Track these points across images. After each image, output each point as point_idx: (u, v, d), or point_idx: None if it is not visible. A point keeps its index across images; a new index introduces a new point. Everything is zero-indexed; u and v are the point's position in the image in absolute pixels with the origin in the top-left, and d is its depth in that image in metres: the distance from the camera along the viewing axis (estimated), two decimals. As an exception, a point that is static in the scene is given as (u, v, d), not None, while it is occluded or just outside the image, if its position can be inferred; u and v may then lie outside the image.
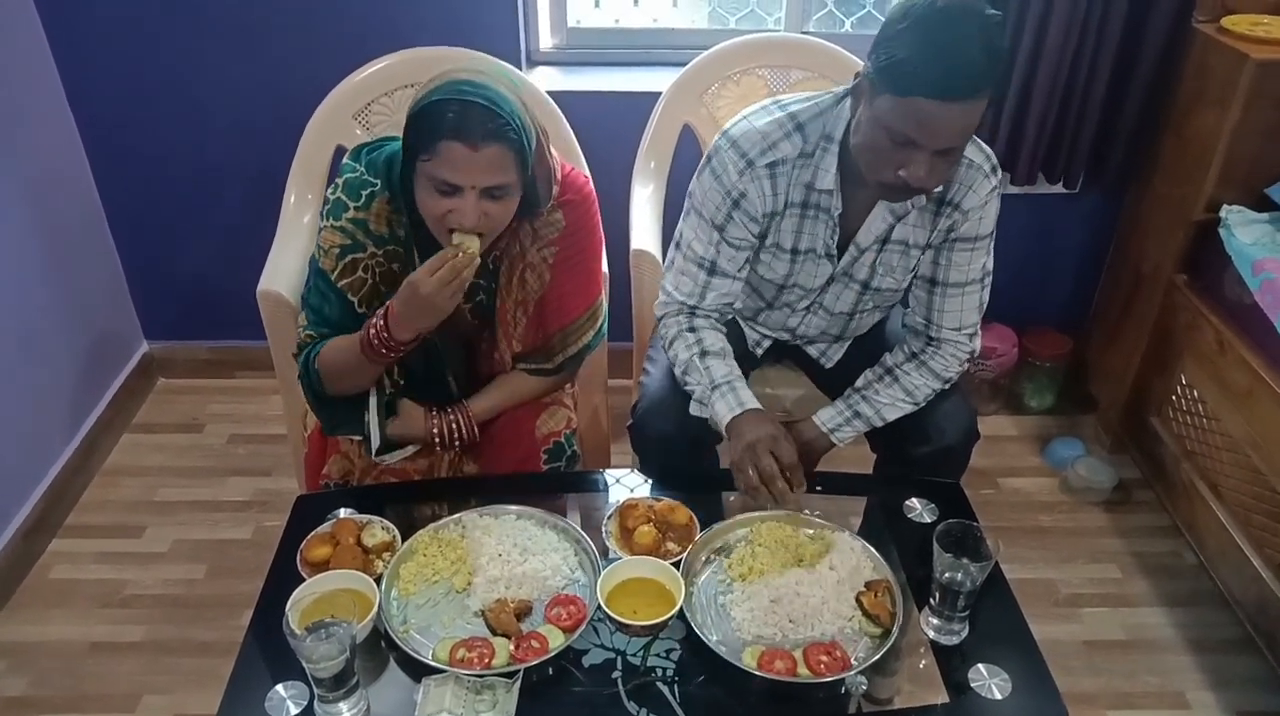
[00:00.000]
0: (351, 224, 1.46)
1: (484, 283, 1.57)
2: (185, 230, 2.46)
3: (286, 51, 2.20)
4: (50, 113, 2.24)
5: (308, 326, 1.51)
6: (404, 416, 1.57)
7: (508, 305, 1.57)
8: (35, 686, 1.83)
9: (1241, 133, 1.98)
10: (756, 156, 1.45)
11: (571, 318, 1.60)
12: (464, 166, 1.32)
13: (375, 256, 1.48)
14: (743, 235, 1.51)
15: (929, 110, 1.23)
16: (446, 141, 1.31)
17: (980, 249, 1.52)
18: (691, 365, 1.53)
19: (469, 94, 1.31)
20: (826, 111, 1.45)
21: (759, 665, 1.20)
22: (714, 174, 1.48)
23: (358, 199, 1.46)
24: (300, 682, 1.17)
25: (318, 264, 1.49)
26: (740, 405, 1.48)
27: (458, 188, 1.34)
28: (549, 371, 1.63)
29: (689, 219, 1.54)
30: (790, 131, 1.45)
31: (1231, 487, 1.98)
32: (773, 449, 1.40)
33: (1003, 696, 1.20)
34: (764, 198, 1.48)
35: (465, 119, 1.30)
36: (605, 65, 2.38)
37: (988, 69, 1.23)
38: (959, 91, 1.22)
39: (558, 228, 1.53)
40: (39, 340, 2.21)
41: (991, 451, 2.45)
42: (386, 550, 1.36)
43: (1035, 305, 2.62)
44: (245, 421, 2.53)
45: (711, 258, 1.52)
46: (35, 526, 2.11)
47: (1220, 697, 1.87)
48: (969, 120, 1.27)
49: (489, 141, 1.31)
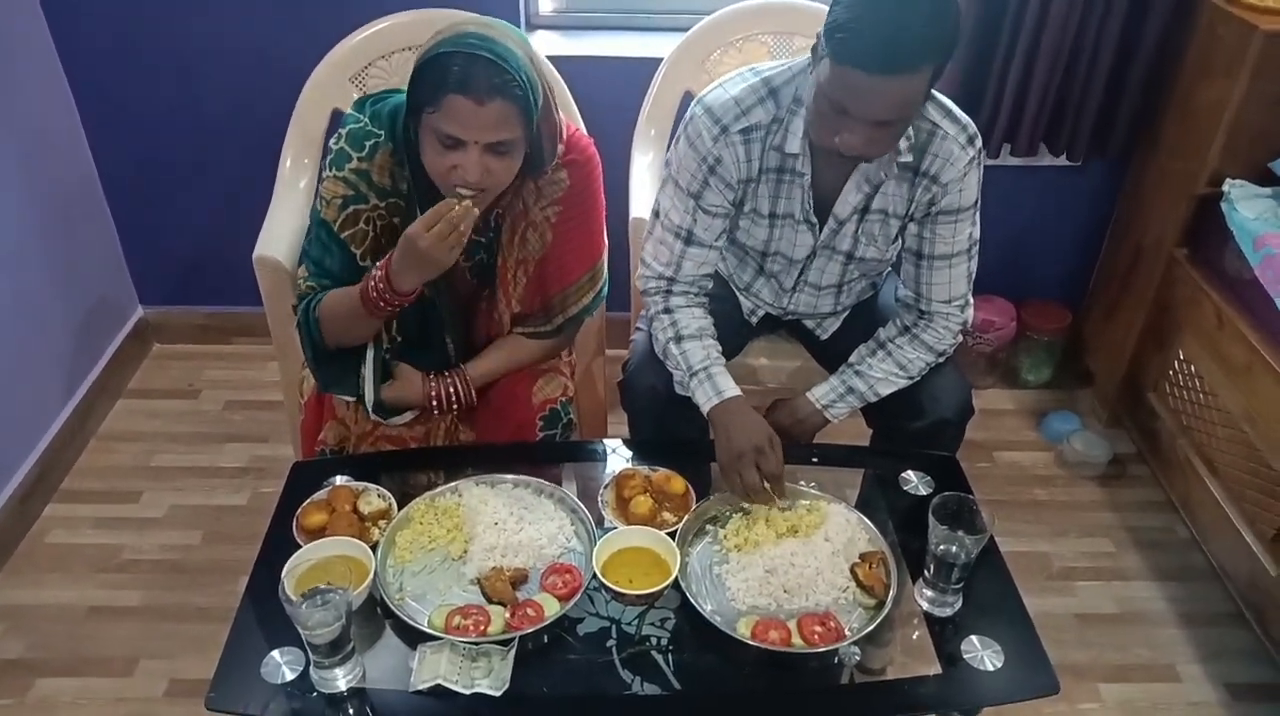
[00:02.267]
0: (354, 175, 1.44)
1: (484, 241, 1.56)
2: (180, 195, 2.44)
3: (283, 14, 2.16)
4: (44, 77, 2.21)
5: (308, 278, 1.49)
6: (402, 380, 1.57)
7: (508, 264, 1.56)
8: (33, 649, 1.84)
9: (1247, 105, 1.96)
10: (730, 122, 1.44)
11: (572, 279, 1.60)
12: (468, 121, 1.30)
13: (378, 208, 1.47)
14: (719, 202, 1.50)
15: (860, 82, 1.20)
16: (451, 95, 1.29)
17: (964, 220, 1.50)
18: (668, 351, 1.53)
19: (476, 47, 1.30)
20: (799, 74, 1.43)
21: (753, 635, 1.21)
22: (689, 141, 1.47)
23: (361, 149, 1.44)
24: (296, 648, 1.17)
25: (319, 215, 1.47)
26: (718, 394, 1.47)
27: (461, 142, 1.32)
28: (547, 333, 1.62)
29: (665, 188, 1.53)
30: (764, 97, 1.44)
31: (1226, 463, 1.99)
32: (758, 462, 1.39)
33: (995, 667, 1.21)
34: (738, 163, 1.47)
35: (471, 73, 1.28)
36: (606, 29, 2.34)
37: (932, 41, 1.19)
38: (894, 65, 1.19)
39: (561, 187, 1.52)
40: (33, 305, 2.19)
41: (987, 424, 2.46)
42: (382, 517, 1.36)
43: (1034, 278, 2.61)
44: (241, 387, 2.52)
45: (688, 226, 1.52)
46: (31, 491, 2.11)
47: (1210, 670, 1.89)
48: (907, 94, 1.23)
49: (494, 97, 1.30)
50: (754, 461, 1.39)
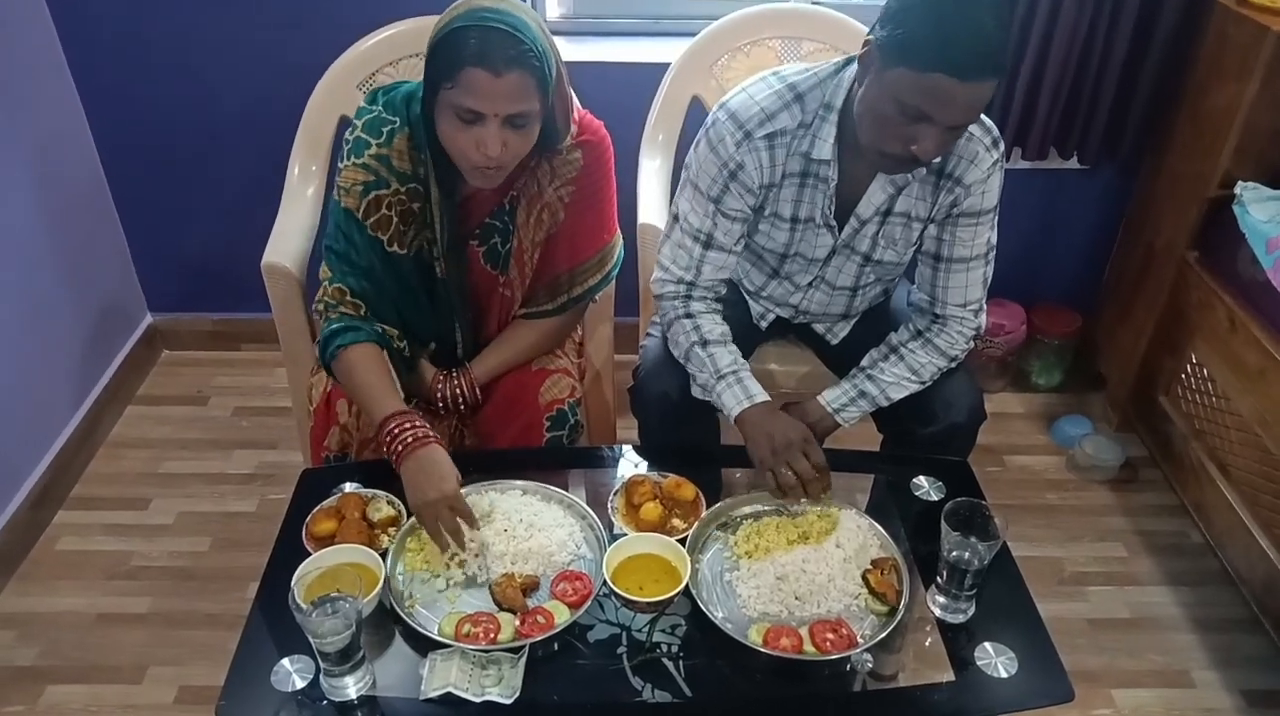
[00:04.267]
0: (374, 160, 1.45)
1: (499, 224, 1.56)
2: (189, 202, 2.45)
3: (290, 21, 2.17)
4: (53, 86, 2.22)
5: (334, 278, 1.49)
6: (414, 373, 1.58)
7: (524, 246, 1.56)
8: (44, 656, 1.85)
9: (1259, 107, 1.95)
10: (754, 128, 1.44)
11: (581, 258, 1.60)
12: (487, 93, 1.30)
13: (398, 193, 1.47)
14: (739, 207, 1.50)
15: (948, 88, 1.22)
16: (469, 68, 1.29)
17: (984, 224, 1.50)
18: (693, 353, 1.52)
19: (491, 20, 1.30)
20: (826, 80, 1.43)
21: (765, 642, 1.20)
22: (710, 145, 1.47)
23: (379, 136, 1.45)
24: (306, 656, 1.17)
25: (340, 205, 1.47)
26: (749, 398, 1.47)
27: (480, 115, 1.32)
28: (550, 312, 1.62)
29: (685, 191, 1.53)
30: (789, 102, 1.44)
31: (1240, 467, 1.97)
32: (805, 451, 1.39)
33: (1008, 674, 1.20)
34: (761, 169, 1.46)
35: (487, 45, 1.29)
36: (613, 35, 2.35)
37: (1002, 49, 1.23)
38: (981, 71, 1.22)
39: (575, 167, 1.52)
40: (43, 313, 2.20)
41: (998, 428, 2.45)
42: (392, 524, 1.36)
43: (1044, 282, 2.60)
44: (250, 394, 2.53)
45: (708, 230, 1.51)
46: (41, 498, 2.11)
47: (1225, 676, 1.87)
48: (984, 98, 1.26)
49: (511, 68, 1.30)
50: (802, 450, 1.39)
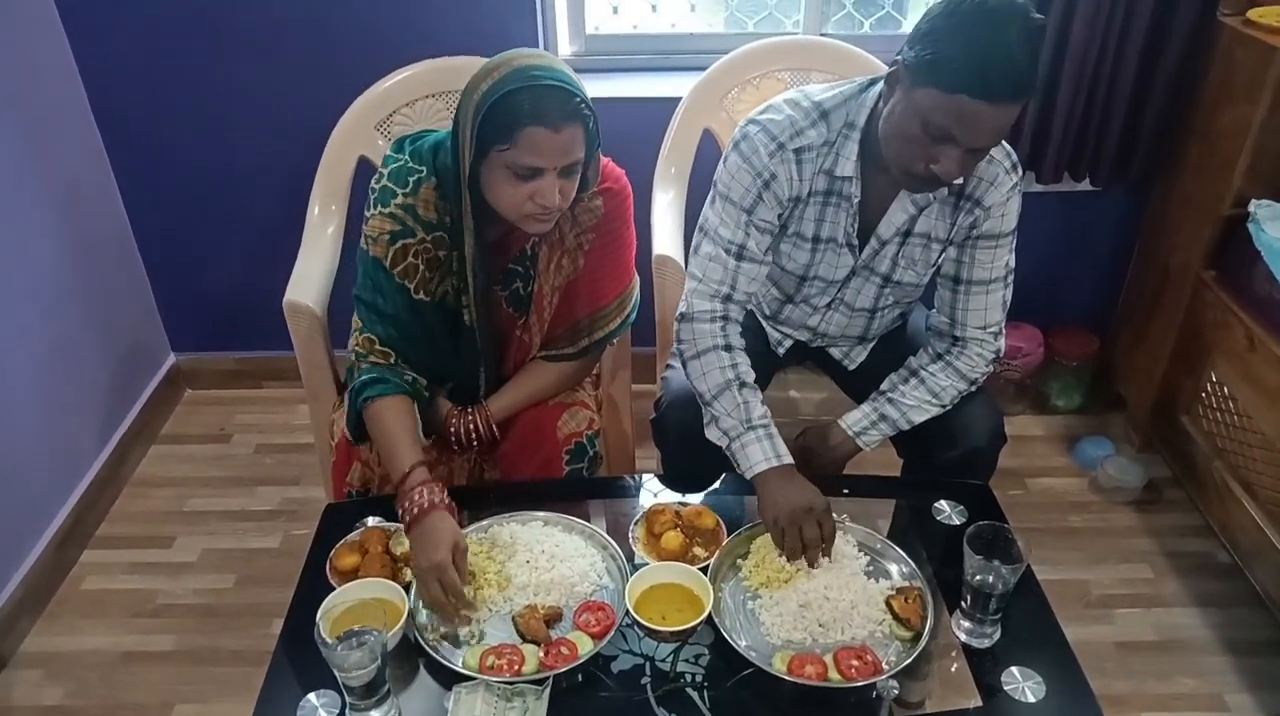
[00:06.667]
0: (401, 209, 1.46)
1: (521, 269, 1.57)
2: (210, 242, 2.49)
3: (308, 63, 2.22)
4: (76, 128, 2.27)
5: (364, 328, 1.51)
6: (431, 409, 1.59)
7: (545, 290, 1.58)
8: (71, 696, 1.85)
9: (1270, 126, 1.96)
10: (787, 140, 1.45)
11: (601, 304, 1.61)
12: (547, 149, 1.33)
13: (424, 242, 1.48)
14: (769, 218, 1.50)
15: (974, 109, 1.23)
16: (529, 128, 1.31)
17: (1004, 246, 1.51)
18: (727, 393, 1.48)
19: (542, 78, 1.32)
20: (850, 99, 1.45)
21: (789, 670, 1.20)
22: (743, 156, 1.47)
23: (405, 185, 1.47)
24: (332, 691, 1.17)
25: (368, 254, 1.49)
26: (778, 458, 1.44)
27: (539, 170, 1.35)
28: (571, 356, 1.63)
29: (715, 205, 1.53)
30: (816, 119, 1.46)
31: (1265, 486, 1.95)
32: (820, 521, 1.37)
33: (1036, 699, 1.19)
34: (792, 181, 1.48)
35: (544, 103, 1.31)
36: (624, 71, 2.38)
37: (1031, 73, 1.24)
38: (1007, 94, 1.23)
39: (596, 214, 1.54)
40: (68, 353, 2.23)
41: (1019, 452, 2.43)
42: (415, 558, 1.36)
43: (1061, 304, 2.60)
44: (272, 431, 2.55)
45: (740, 241, 1.51)
46: (67, 537, 2.13)
47: (1260, 699, 1.84)
48: (1009, 121, 1.28)
49: (568, 122, 1.33)
50: (817, 520, 1.37)
